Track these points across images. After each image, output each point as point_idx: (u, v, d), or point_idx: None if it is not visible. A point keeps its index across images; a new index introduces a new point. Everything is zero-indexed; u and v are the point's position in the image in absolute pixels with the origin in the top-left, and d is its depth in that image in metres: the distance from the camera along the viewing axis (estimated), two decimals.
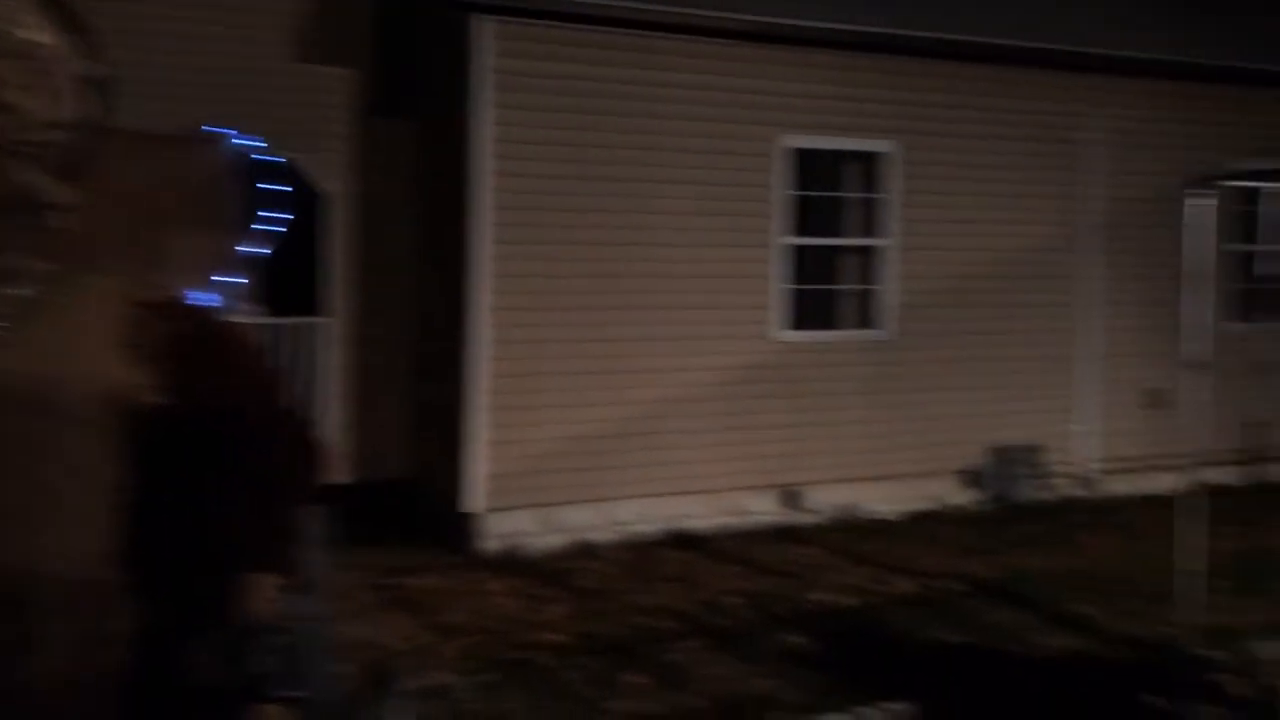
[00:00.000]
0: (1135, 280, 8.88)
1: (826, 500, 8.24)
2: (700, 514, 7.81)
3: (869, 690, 4.63)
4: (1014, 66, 8.55)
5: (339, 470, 8.20)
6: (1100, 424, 9.05)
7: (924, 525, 8.15)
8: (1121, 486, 8.86)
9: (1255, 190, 8.97)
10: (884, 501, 8.41)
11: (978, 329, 8.63)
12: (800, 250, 8.13)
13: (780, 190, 7.95)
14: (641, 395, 7.63)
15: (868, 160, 8.27)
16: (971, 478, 8.70)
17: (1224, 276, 9.24)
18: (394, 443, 8.34)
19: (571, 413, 7.39)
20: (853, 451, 8.31)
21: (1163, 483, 8.18)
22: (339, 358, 8.15)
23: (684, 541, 7.49)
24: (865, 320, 8.37)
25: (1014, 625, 5.69)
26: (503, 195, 7.17)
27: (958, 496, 8.68)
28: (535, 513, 7.33)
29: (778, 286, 7.99)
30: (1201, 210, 3.18)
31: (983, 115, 8.52)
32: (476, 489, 7.19)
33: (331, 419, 8.12)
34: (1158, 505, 7.93)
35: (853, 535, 7.82)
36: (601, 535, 7.44)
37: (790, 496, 8.17)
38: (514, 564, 6.93)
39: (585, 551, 7.21)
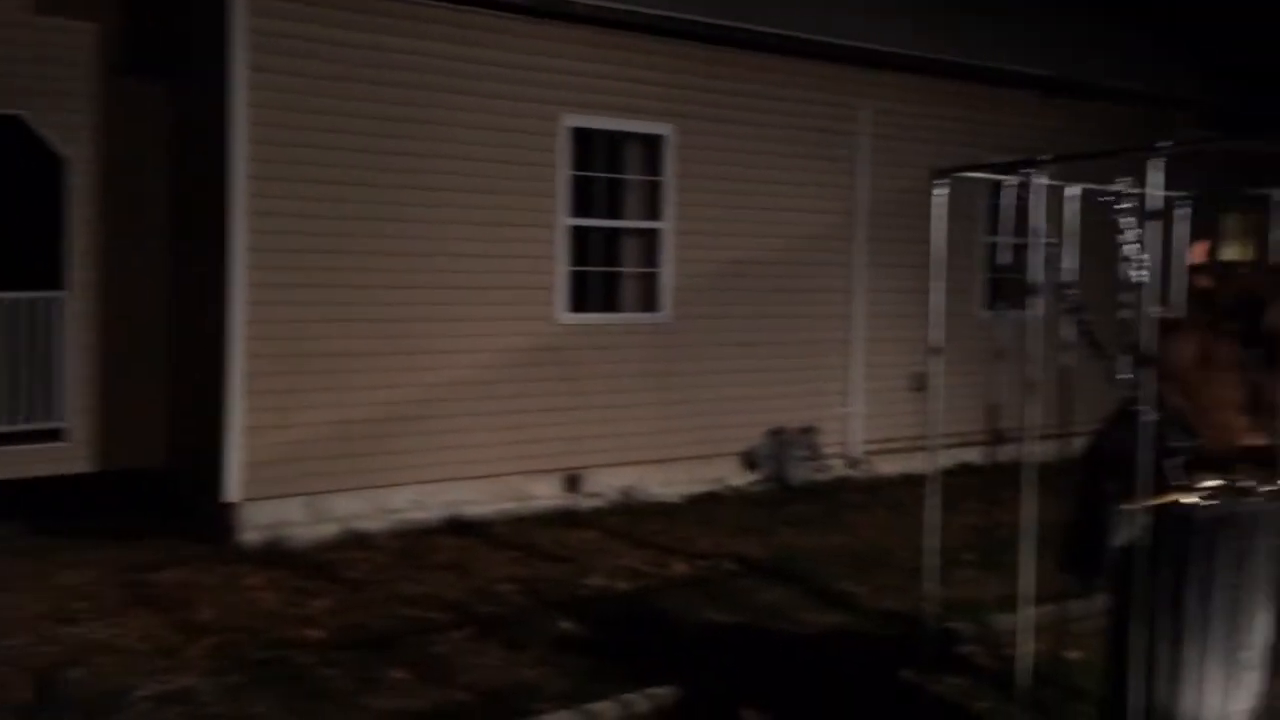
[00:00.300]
0: (902, 268, 9.22)
1: (609, 484, 8.19)
2: (480, 499, 7.61)
3: (637, 675, 4.56)
4: (790, 57, 8.71)
5: (79, 458, 7.56)
6: (871, 406, 9.38)
7: (704, 507, 8.23)
8: (890, 466, 9.21)
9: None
10: (666, 484, 8.44)
11: (756, 313, 8.78)
12: (583, 232, 8.03)
13: (564, 170, 7.81)
14: (417, 378, 7.35)
15: (648, 143, 8.24)
16: (751, 460, 8.85)
17: (980, 266, 9.78)
18: (148, 428, 7.75)
19: (340, 395, 7.03)
20: (634, 434, 8.30)
21: (928, 462, 8.55)
22: (83, 336, 7.49)
23: (461, 528, 7.27)
24: (646, 303, 8.35)
25: (784, 604, 5.77)
26: (261, 165, 6.71)
27: (737, 478, 8.81)
28: (302, 501, 6.95)
29: (561, 268, 7.86)
30: (941, 201, 3.23)
31: (759, 103, 8.64)
32: (236, 477, 6.73)
33: (72, 402, 7.46)
34: (922, 484, 8.28)
35: (633, 518, 7.80)
36: (374, 523, 7.13)
37: (573, 480, 8.07)
38: (277, 556, 6.54)
39: (356, 541, 6.89)
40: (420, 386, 7.36)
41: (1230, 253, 12.97)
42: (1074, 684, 4.42)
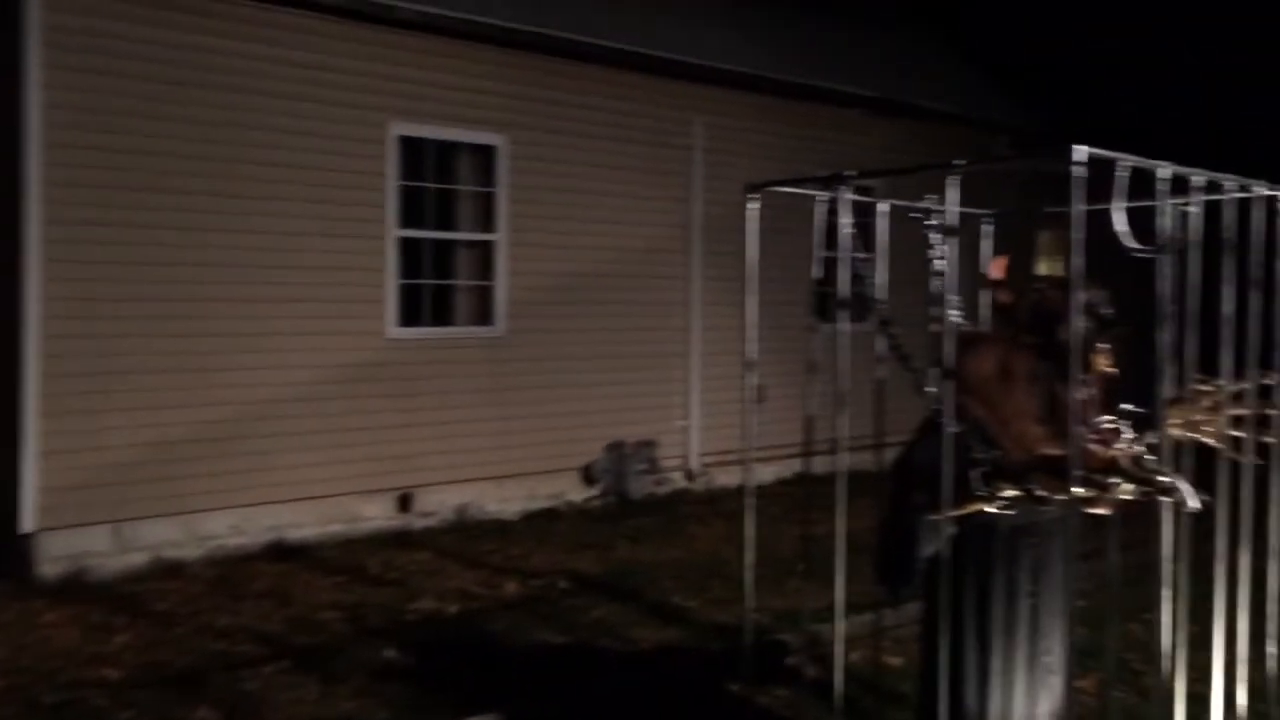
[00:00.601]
0: (739, 280, 9.30)
1: (444, 502, 7.98)
2: (305, 522, 7.30)
3: (461, 703, 4.41)
4: (621, 69, 8.70)
5: None
6: (710, 418, 9.43)
7: (541, 524, 8.11)
8: (729, 478, 9.27)
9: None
10: (503, 501, 8.29)
11: (594, 326, 8.72)
12: (414, 243, 7.81)
13: (392, 180, 7.59)
14: (235, 396, 6.99)
15: (480, 153, 8.09)
16: (590, 475, 8.77)
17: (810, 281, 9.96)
18: None
19: (150, 415, 6.62)
20: (469, 451, 8.11)
21: (765, 474, 8.65)
22: None
23: (284, 553, 6.94)
24: (480, 316, 8.19)
25: (616, 621, 5.70)
26: (58, 170, 6.27)
27: (577, 493, 8.72)
28: (108, 529, 6.51)
29: (391, 281, 7.63)
30: (754, 215, 3.22)
31: (594, 114, 8.61)
32: (32, 505, 6.25)
33: None
34: (759, 496, 8.37)
35: (468, 537, 7.62)
36: (188, 551, 6.74)
37: (405, 500, 7.83)
38: (79, 589, 6.10)
39: (167, 570, 6.50)
40: (238, 405, 7.01)
41: (1045, 268, 13.65)
42: (895, 690, 4.48)
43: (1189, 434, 3.45)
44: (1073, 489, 2.73)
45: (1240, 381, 3.35)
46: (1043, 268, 11.35)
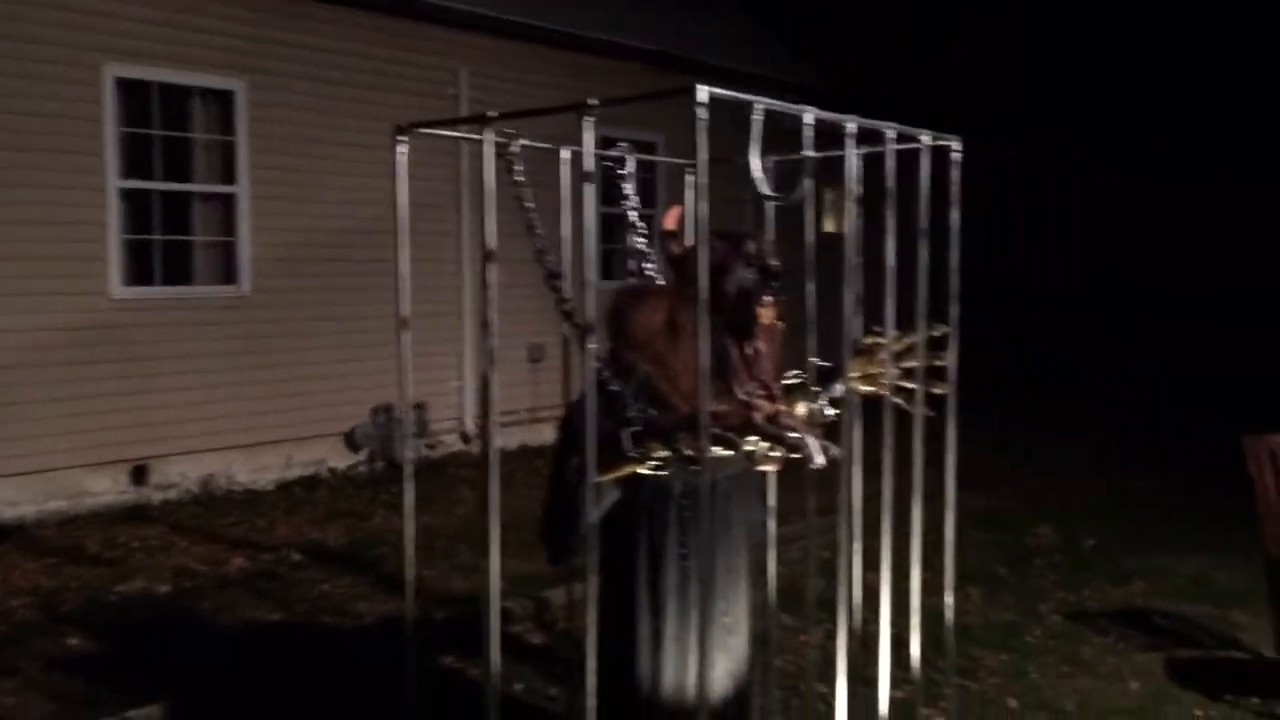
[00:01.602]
0: (513, 237, 9.04)
1: (186, 474, 7.48)
2: (21, 499, 6.69)
3: (138, 692, 4.05)
4: (383, 14, 8.27)
5: None
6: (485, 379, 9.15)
7: (298, 493, 7.71)
8: (508, 440, 9.04)
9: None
10: (257, 471, 7.84)
11: (355, 285, 8.30)
12: (141, 196, 7.22)
13: (111, 126, 6.96)
14: None
15: (217, 99, 7.53)
16: (353, 440, 8.40)
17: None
18: None
19: None
20: (215, 419, 7.62)
21: (544, 435, 8.48)
22: None
23: None
24: (222, 275, 7.67)
25: (345, 595, 5.41)
26: None
27: (340, 460, 8.34)
28: None
29: (113, 236, 7.03)
30: (403, 160, 2.97)
31: (350, 60, 8.15)
32: None
33: None
34: (535, 456, 8.21)
35: (211, 510, 7.16)
36: None
37: (140, 472, 7.30)
38: None
39: None
40: None
41: (830, 225, 13.90)
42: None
43: (866, 388, 3.40)
44: (712, 448, 2.60)
45: (910, 334, 3.31)
46: (828, 225, 11.52)
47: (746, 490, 3.33)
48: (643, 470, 2.91)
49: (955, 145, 3.41)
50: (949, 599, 3.66)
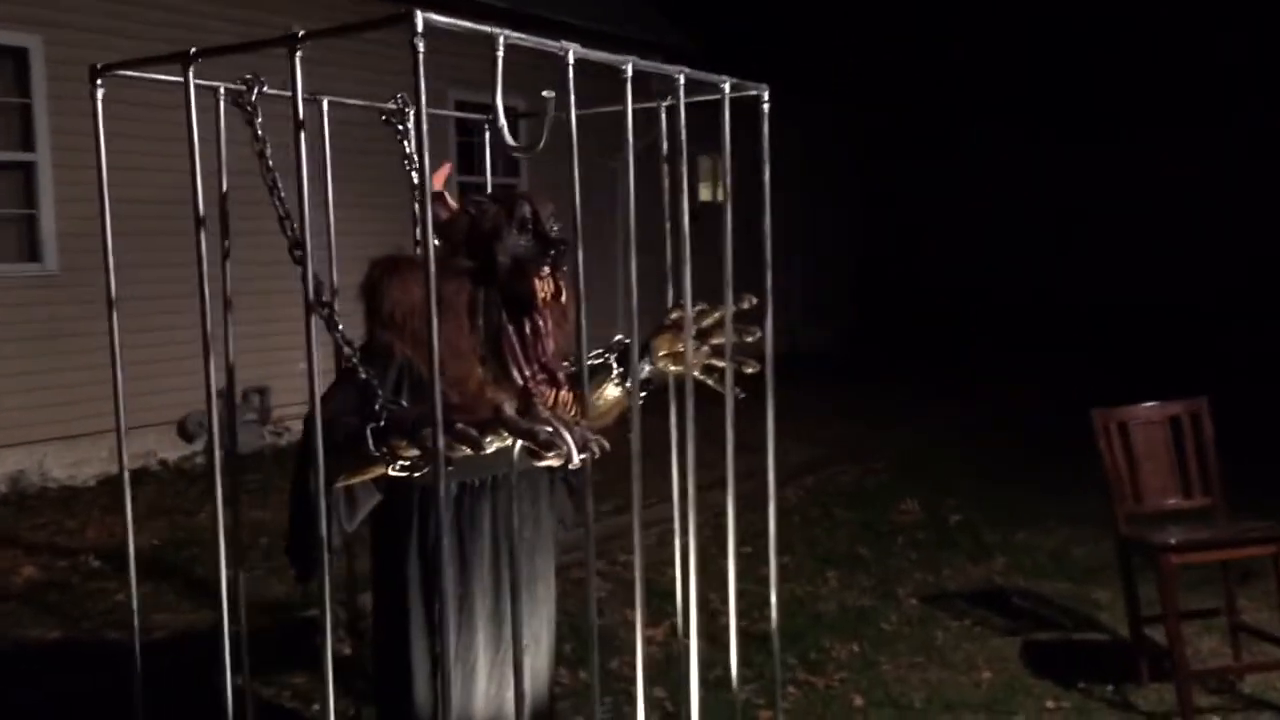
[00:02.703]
0: (367, 207, 8.47)
1: None
2: None
3: None
4: None
5: None
6: (332, 362, 8.59)
7: (117, 488, 7.08)
8: None
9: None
10: (75, 465, 7.19)
11: (181, 259, 7.60)
12: None
13: None
14: None
15: (8, 56, 6.80)
16: (186, 429, 7.79)
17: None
18: None
19: None
20: (20, 409, 6.94)
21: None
22: None
23: None
24: (24, 252, 6.96)
25: (145, 604, 4.86)
26: None
27: (172, 451, 7.73)
28: None
29: None
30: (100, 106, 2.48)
31: (173, 15, 7.46)
32: None
33: None
34: None
35: (18, 511, 6.52)
36: None
37: None
38: None
39: None
40: None
41: (705, 194, 13.59)
42: None
43: (675, 367, 3.02)
44: (458, 444, 2.17)
45: (716, 307, 2.93)
46: (703, 194, 11.11)
47: (537, 486, 2.93)
48: (392, 471, 2.47)
49: (763, 94, 3.03)
50: (773, 598, 3.32)
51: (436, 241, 2.87)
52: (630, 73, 2.39)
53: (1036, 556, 5.76)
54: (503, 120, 2.24)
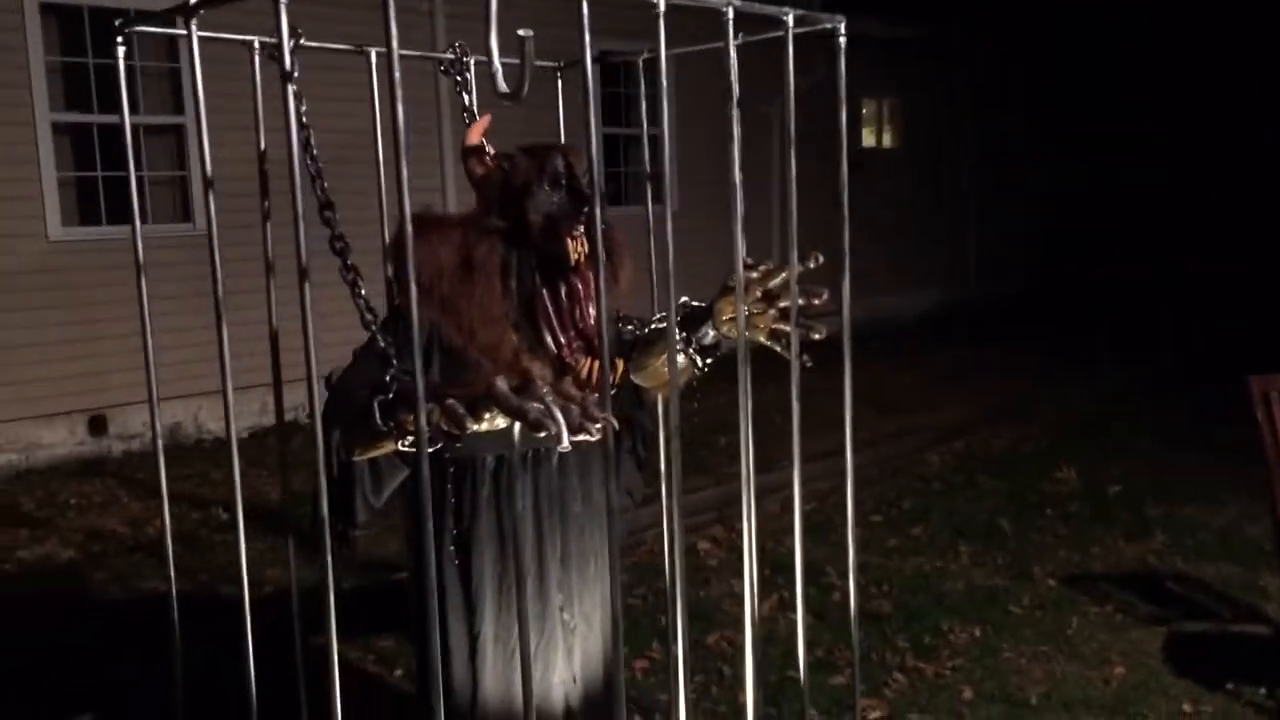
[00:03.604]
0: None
1: (149, 423, 7.13)
2: None
3: None
4: None
5: None
6: None
7: (267, 441, 7.33)
8: None
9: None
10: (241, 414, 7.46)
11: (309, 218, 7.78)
12: (83, 130, 6.78)
13: (40, 54, 6.49)
14: None
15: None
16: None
17: None
18: None
19: None
20: (179, 364, 7.22)
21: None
22: None
23: None
24: (178, 212, 7.22)
25: (261, 559, 4.98)
26: None
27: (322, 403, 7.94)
28: None
29: (49, 174, 6.60)
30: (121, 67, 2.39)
31: None
32: None
33: None
34: None
35: (172, 461, 6.79)
36: None
37: (97, 423, 6.98)
38: None
39: None
40: None
41: (867, 138, 12.96)
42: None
43: (740, 334, 2.75)
44: (469, 421, 1.99)
45: (784, 265, 2.63)
46: (866, 138, 10.46)
47: (588, 459, 2.73)
48: (401, 447, 2.32)
49: (839, 28, 2.68)
50: (853, 573, 3.01)
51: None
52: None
53: (1202, 535, 5.20)
54: (497, 64, 2.02)
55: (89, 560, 4.99)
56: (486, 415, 2.01)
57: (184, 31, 2.33)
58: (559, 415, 1.92)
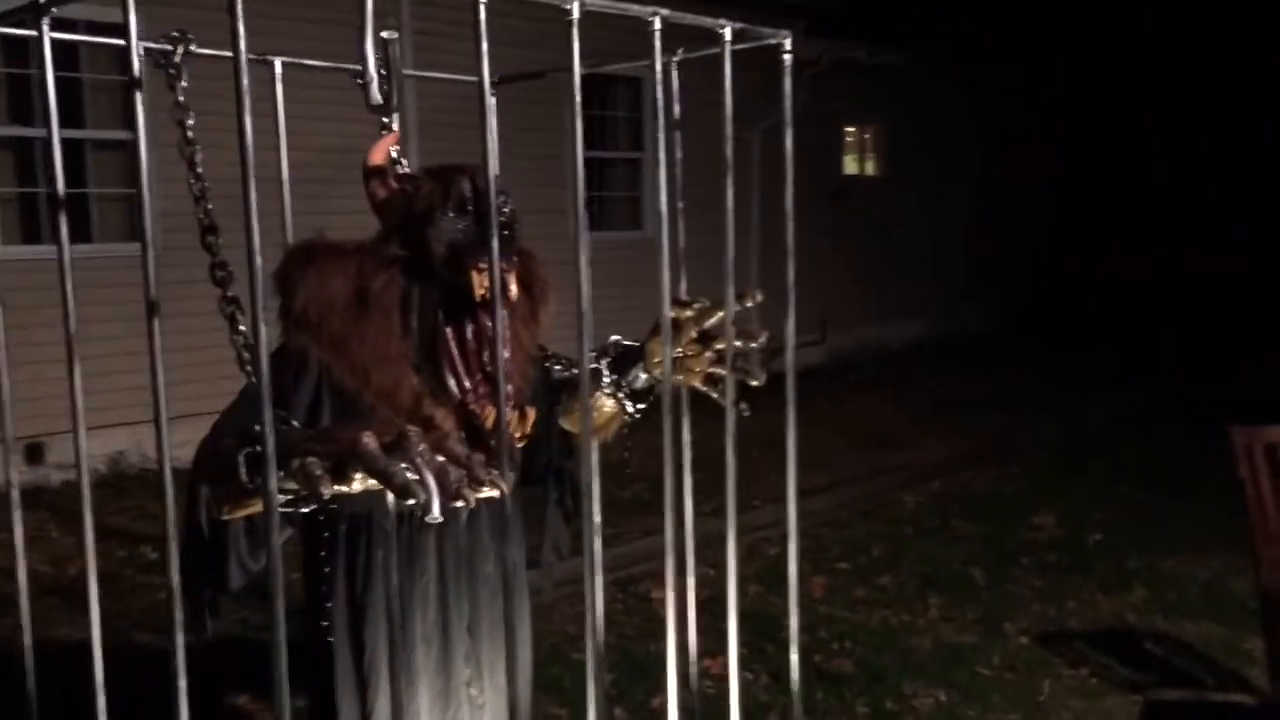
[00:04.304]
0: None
1: (89, 452, 6.81)
2: None
3: None
4: None
5: None
6: None
7: None
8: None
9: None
10: (180, 446, 7.11)
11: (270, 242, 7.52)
12: (25, 144, 6.51)
13: None
14: None
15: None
16: None
17: None
18: None
19: None
20: (123, 390, 6.92)
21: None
22: None
23: None
24: (130, 231, 6.95)
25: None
26: None
27: None
28: None
29: None
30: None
31: None
32: None
33: None
34: None
35: (114, 493, 6.51)
36: None
37: (34, 451, 6.67)
38: None
39: None
40: None
41: (850, 166, 12.77)
42: None
43: (674, 376, 2.48)
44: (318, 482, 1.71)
45: (716, 304, 2.37)
46: (849, 166, 10.32)
47: (503, 516, 2.45)
48: (284, 507, 2.03)
49: (784, 43, 2.44)
50: (793, 624, 2.74)
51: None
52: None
53: (1185, 589, 4.93)
54: (373, 72, 1.77)
55: None
56: (356, 476, 1.73)
57: (34, 32, 2.06)
58: (430, 480, 1.64)
